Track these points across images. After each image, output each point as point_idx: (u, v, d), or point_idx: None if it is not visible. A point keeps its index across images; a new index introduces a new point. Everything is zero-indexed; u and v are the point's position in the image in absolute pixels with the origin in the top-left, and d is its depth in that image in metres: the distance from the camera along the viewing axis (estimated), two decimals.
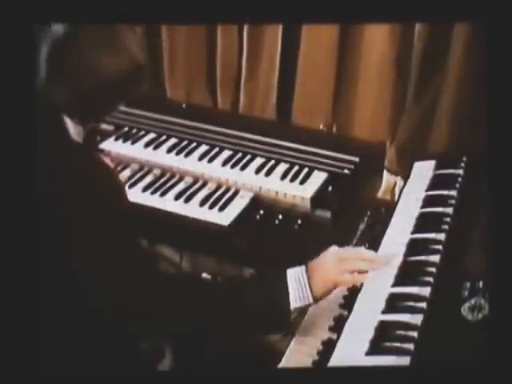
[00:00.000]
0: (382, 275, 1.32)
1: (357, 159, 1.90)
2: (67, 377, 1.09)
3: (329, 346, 1.21)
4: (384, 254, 1.38)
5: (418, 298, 1.24)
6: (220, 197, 1.84)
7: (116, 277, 1.17)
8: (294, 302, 1.24)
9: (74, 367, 1.21)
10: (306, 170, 1.90)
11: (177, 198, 1.84)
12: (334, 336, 1.23)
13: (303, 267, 1.27)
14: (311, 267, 1.27)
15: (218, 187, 1.88)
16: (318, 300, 1.26)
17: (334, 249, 1.32)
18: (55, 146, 1.17)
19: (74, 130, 1.21)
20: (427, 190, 1.63)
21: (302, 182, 1.84)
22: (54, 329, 1.16)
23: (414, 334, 1.15)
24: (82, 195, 1.14)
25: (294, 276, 1.25)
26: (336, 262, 1.28)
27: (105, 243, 1.16)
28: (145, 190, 1.88)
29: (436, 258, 1.35)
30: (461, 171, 1.68)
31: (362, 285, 1.33)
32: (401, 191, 1.70)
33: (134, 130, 2.10)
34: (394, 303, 1.25)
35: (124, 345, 1.31)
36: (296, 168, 1.91)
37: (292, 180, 1.86)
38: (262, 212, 1.78)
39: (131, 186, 1.89)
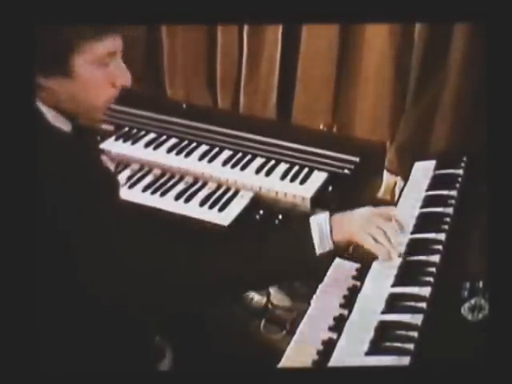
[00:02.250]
0: (382, 275, 1.32)
1: (357, 159, 1.90)
2: (67, 376, 1.09)
3: (329, 346, 1.21)
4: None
5: (418, 297, 1.24)
6: (220, 197, 1.84)
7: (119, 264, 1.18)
8: (317, 247, 1.28)
9: (73, 367, 1.21)
10: (306, 169, 1.90)
11: (177, 198, 1.84)
12: (334, 336, 1.23)
13: (327, 214, 1.31)
14: (337, 215, 1.32)
15: (218, 187, 1.88)
16: (338, 247, 1.30)
17: (368, 207, 1.36)
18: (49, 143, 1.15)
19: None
20: (427, 190, 1.63)
21: (302, 182, 1.84)
22: (53, 329, 1.16)
23: (414, 334, 1.15)
24: (79, 192, 1.13)
25: (317, 222, 1.29)
26: (363, 219, 1.32)
27: (105, 234, 1.16)
28: (145, 190, 1.88)
29: (436, 258, 1.35)
30: (461, 171, 1.68)
31: (362, 285, 1.33)
32: (401, 191, 1.70)
33: (135, 130, 2.10)
34: (394, 303, 1.24)
35: (124, 344, 1.31)
36: (296, 168, 1.91)
37: (292, 180, 1.86)
38: (261, 212, 1.78)
39: (131, 186, 1.89)
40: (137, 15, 1.13)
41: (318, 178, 1.86)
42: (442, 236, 1.42)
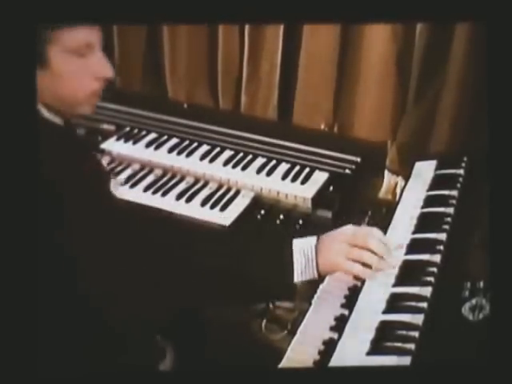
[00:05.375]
0: (383, 275, 1.32)
1: (358, 159, 1.90)
2: (66, 376, 1.09)
3: (330, 346, 1.21)
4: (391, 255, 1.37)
5: (418, 297, 1.24)
6: (221, 197, 1.84)
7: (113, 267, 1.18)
8: (299, 275, 1.24)
9: (73, 367, 1.21)
10: (307, 170, 1.90)
11: (178, 198, 1.84)
12: (335, 336, 1.23)
13: (313, 241, 1.27)
14: (322, 242, 1.27)
15: (219, 187, 1.88)
16: (322, 276, 1.27)
17: (347, 230, 1.32)
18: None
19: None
20: (428, 190, 1.63)
21: (303, 182, 1.84)
22: (52, 330, 1.16)
23: (415, 333, 1.15)
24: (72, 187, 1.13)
25: (302, 249, 1.25)
26: (345, 247, 1.28)
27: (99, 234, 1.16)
28: (146, 190, 1.88)
29: (437, 258, 1.35)
30: (462, 171, 1.67)
31: (362, 285, 1.33)
32: (402, 191, 1.70)
33: (136, 130, 2.11)
34: (394, 303, 1.24)
35: (124, 344, 1.31)
36: (297, 168, 1.91)
37: (293, 180, 1.86)
38: (263, 212, 1.78)
39: (132, 186, 1.89)
40: (137, 15, 1.13)
41: (319, 178, 1.86)
42: (443, 236, 1.42)
